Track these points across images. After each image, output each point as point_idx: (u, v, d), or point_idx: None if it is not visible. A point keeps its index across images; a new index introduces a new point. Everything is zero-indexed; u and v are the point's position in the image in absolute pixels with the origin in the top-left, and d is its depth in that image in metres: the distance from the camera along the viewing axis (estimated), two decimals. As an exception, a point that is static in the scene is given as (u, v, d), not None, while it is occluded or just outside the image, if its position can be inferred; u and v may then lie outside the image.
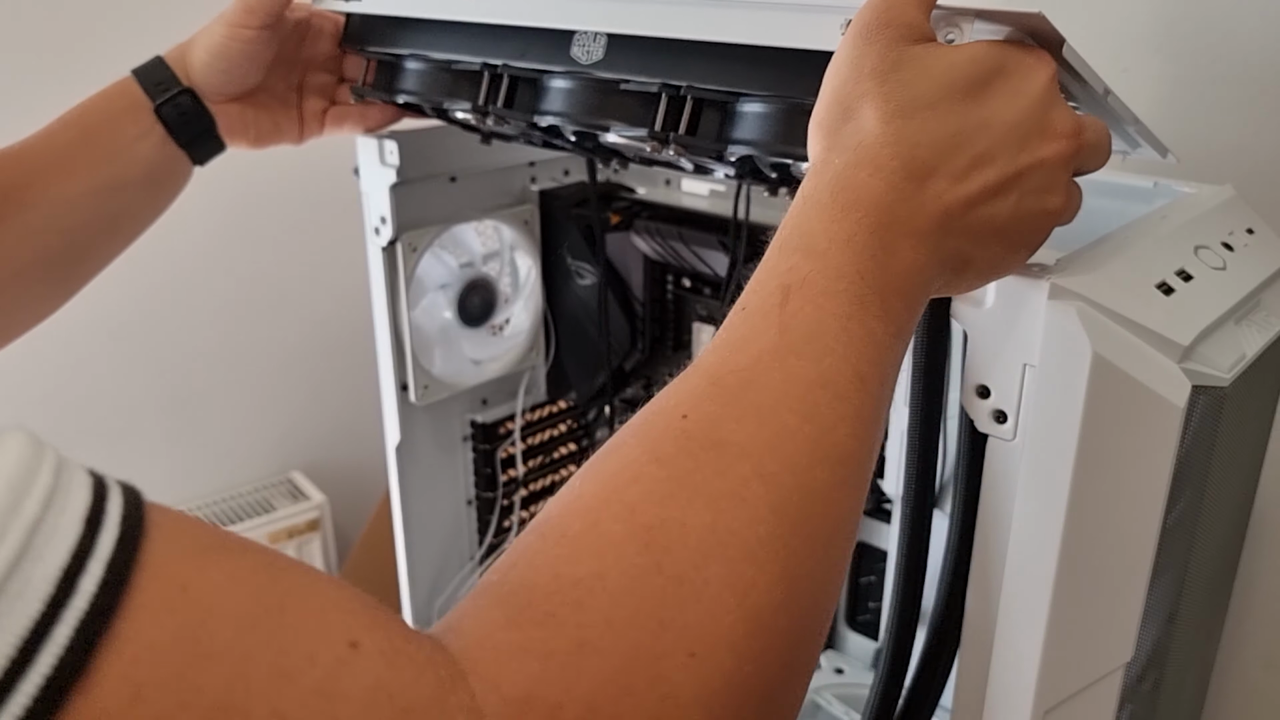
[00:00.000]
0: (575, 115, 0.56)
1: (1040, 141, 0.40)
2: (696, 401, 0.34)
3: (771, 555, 0.31)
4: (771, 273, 0.37)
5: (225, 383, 1.48)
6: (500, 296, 0.86)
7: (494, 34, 0.59)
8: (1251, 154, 0.72)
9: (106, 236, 0.67)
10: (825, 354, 0.35)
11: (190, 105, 0.67)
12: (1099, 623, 0.48)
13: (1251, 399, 0.53)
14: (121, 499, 0.25)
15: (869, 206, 0.37)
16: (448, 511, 0.89)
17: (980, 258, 0.40)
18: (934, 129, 0.38)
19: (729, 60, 0.50)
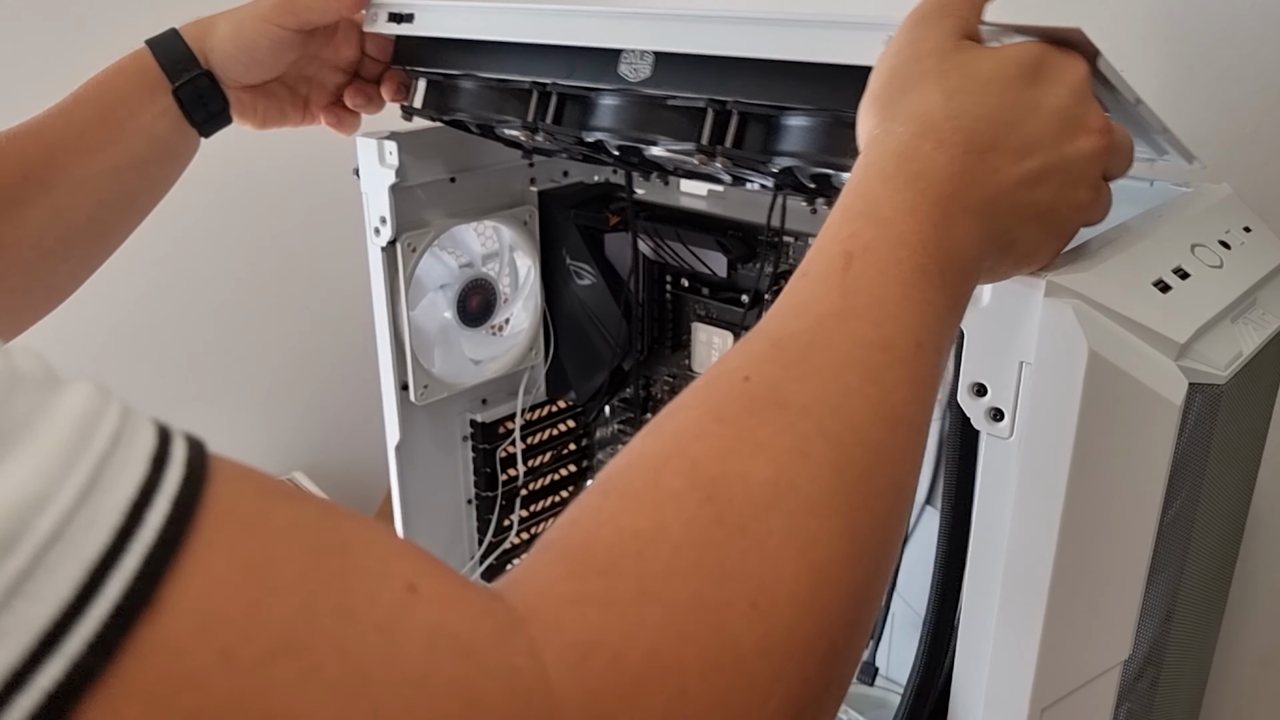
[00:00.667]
0: (623, 130, 0.58)
1: (1081, 132, 0.41)
2: (758, 364, 0.34)
3: (834, 510, 0.31)
4: (835, 238, 0.37)
5: (226, 383, 1.48)
6: (500, 296, 0.86)
7: (543, 54, 0.60)
8: (1249, 153, 0.72)
9: (125, 212, 0.68)
10: (887, 319, 0.35)
11: (207, 87, 0.67)
12: (1096, 620, 0.48)
13: (1248, 397, 0.53)
14: (186, 445, 0.26)
15: (932, 178, 0.38)
16: (448, 511, 0.89)
17: (1022, 240, 0.41)
18: (993, 106, 0.40)
19: (773, 75, 0.51)
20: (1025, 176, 0.40)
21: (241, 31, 0.67)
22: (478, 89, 0.66)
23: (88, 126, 0.64)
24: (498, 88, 0.65)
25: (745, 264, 0.78)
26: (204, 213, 1.35)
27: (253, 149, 1.29)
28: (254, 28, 0.66)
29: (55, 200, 0.63)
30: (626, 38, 0.56)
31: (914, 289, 0.36)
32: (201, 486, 0.25)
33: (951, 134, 0.39)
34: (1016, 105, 0.40)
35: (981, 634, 0.49)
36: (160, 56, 0.66)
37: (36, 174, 0.62)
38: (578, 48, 0.58)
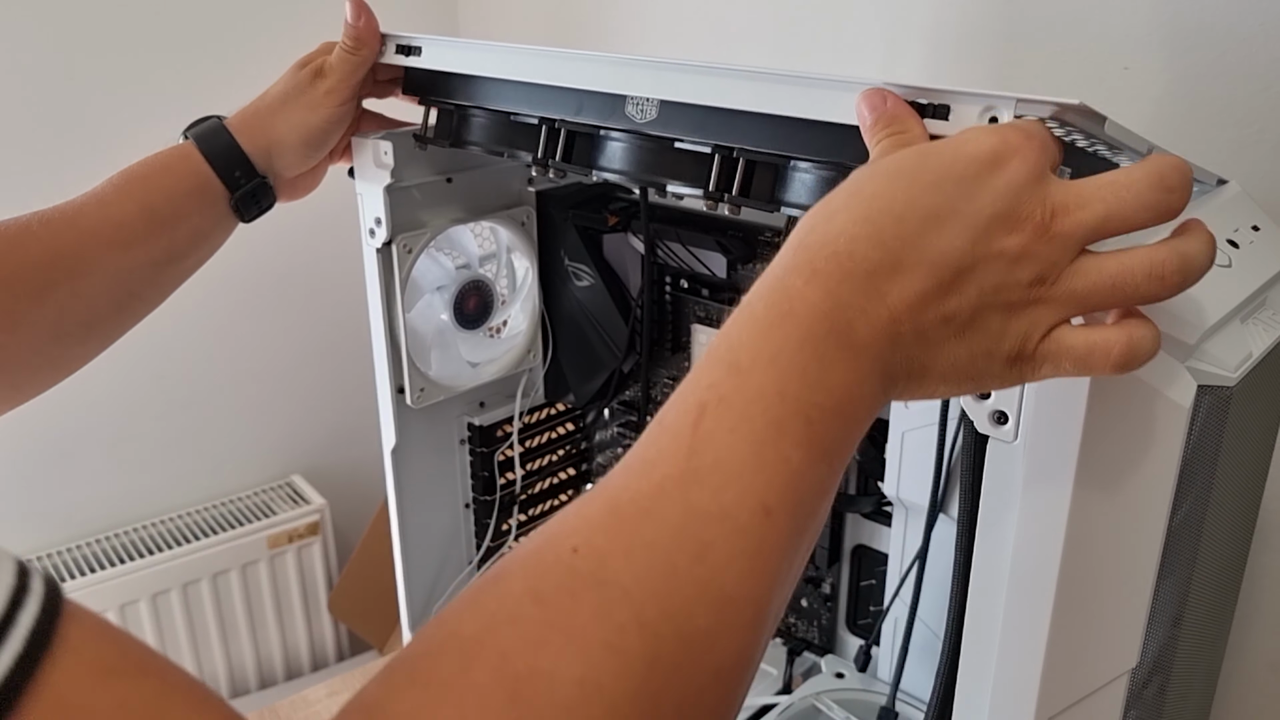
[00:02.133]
0: (631, 172, 0.58)
1: (1004, 231, 0.35)
2: (590, 532, 0.33)
3: (639, 711, 0.30)
4: (694, 387, 0.35)
5: (225, 386, 1.48)
6: (497, 298, 0.85)
7: (550, 91, 0.61)
8: (1255, 151, 0.71)
9: (152, 300, 0.68)
10: (730, 483, 0.33)
11: (263, 188, 0.68)
12: (1103, 628, 0.47)
13: (1258, 398, 0.52)
14: (39, 605, 0.25)
15: (801, 317, 0.35)
16: (445, 515, 0.88)
17: (940, 365, 0.37)
18: (889, 216, 0.35)
19: (779, 126, 0.51)
20: (924, 294, 0.35)
21: (309, 130, 0.68)
22: (490, 122, 0.66)
23: (127, 220, 0.64)
24: (507, 121, 0.65)
25: (745, 265, 0.77)
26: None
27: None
28: (322, 120, 0.68)
29: (82, 287, 0.62)
30: (632, 85, 0.56)
31: (766, 448, 0.33)
32: (37, 663, 0.24)
33: (826, 262, 0.35)
34: (911, 213, 0.35)
35: (986, 641, 0.48)
36: (213, 160, 0.66)
37: (66, 260, 0.62)
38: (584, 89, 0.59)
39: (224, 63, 1.33)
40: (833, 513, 0.77)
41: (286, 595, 1.49)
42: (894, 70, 0.93)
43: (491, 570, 0.33)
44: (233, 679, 1.47)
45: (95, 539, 1.40)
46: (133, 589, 1.34)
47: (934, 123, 0.43)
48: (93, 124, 1.26)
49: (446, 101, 0.68)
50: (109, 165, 0.67)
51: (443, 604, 0.88)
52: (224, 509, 1.48)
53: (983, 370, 0.37)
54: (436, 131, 0.70)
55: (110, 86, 1.26)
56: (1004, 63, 0.85)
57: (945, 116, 0.43)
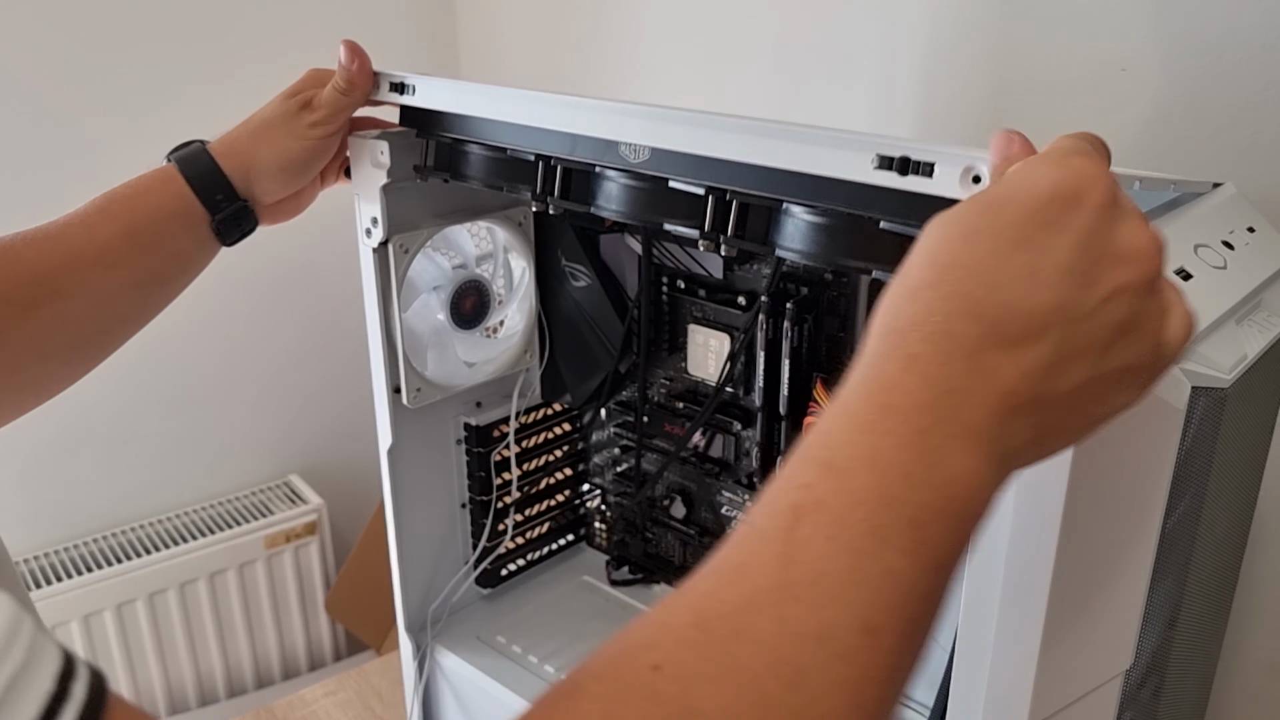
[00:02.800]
0: (629, 212, 0.59)
1: (1109, 270, 0.33)
2: (674, 647, 0.30)
3: None
4: (786, 486, 0.32)
5: (223, 386, 1.48)
6: (494, 298, 0.85)
7: (544, 129, 0.61)
8: (1252, 153, 0.71)
9: (136, 322, 0.69)
10: (829, 600, 0.30)
11: (244, 213, 0.69)
12: (1097, 630, 0.47)
13: (1253, 400, 0.52)
14: (86, 690, 0.25)
15: (902, 410, 0.32)
16: (441, 515, 0.88)
17: (1068, 424, 0.34)
18: (968, 294, 0.32)
19: (769, 170, 0.51)
20: (1041, 361, 0.32)
21: (290, 156, 0.68)
22: (484, 157, 0.67)
23: (112, 241, 0.64)
24: (504, 157, 0.66)
25: (742, 265, 0.77)
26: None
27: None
28: (303, 149, 0.68)
29: (67, 308, 0.63)
30: (623, 132, 0.57)
31: (867, 559, 0.30)
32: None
33: (921, 345, 0.32)
34: (1004, 277, 0.32)
35: (979, 643, 0.48)
36: (195, 183, 0.66)
37: (50, 280, 0.62)
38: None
39: (220, 73, 1.33)
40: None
41: (284, 595, 1.49)
42: (890, 75, 0.93)
43: (566, 682, 0.30)
44: (230, 679, 1.47)
45: (93, 538, 1.40)
46: (130, 588, 1.34)
47: (918, 180, 0.44)
48: (90, 133, 1.26)
49: (443, 135, 0.69)
50: (105, 175, 0.67)
51: (438, 606, 0.88)
52: (221, 509, 1.48)
53: (1116, 399, 0.35)
54: (435, 164, 0.71)
55: (108, 94, 1.26)
56: (1002, 65, 0.85)
57: (930, 174, 0.44)
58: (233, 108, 0.72)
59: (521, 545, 0.94)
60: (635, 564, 0.93)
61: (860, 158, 0.46)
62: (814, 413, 0.70)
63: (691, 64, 1.13)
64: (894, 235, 0.47)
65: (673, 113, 0.54)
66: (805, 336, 0.71)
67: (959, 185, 0.43)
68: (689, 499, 0.87)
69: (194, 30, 1.31)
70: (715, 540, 0.85)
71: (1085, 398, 0.34)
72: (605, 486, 0.95)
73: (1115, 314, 0.33)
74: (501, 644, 0.86)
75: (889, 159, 0.45)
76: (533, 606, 0.91)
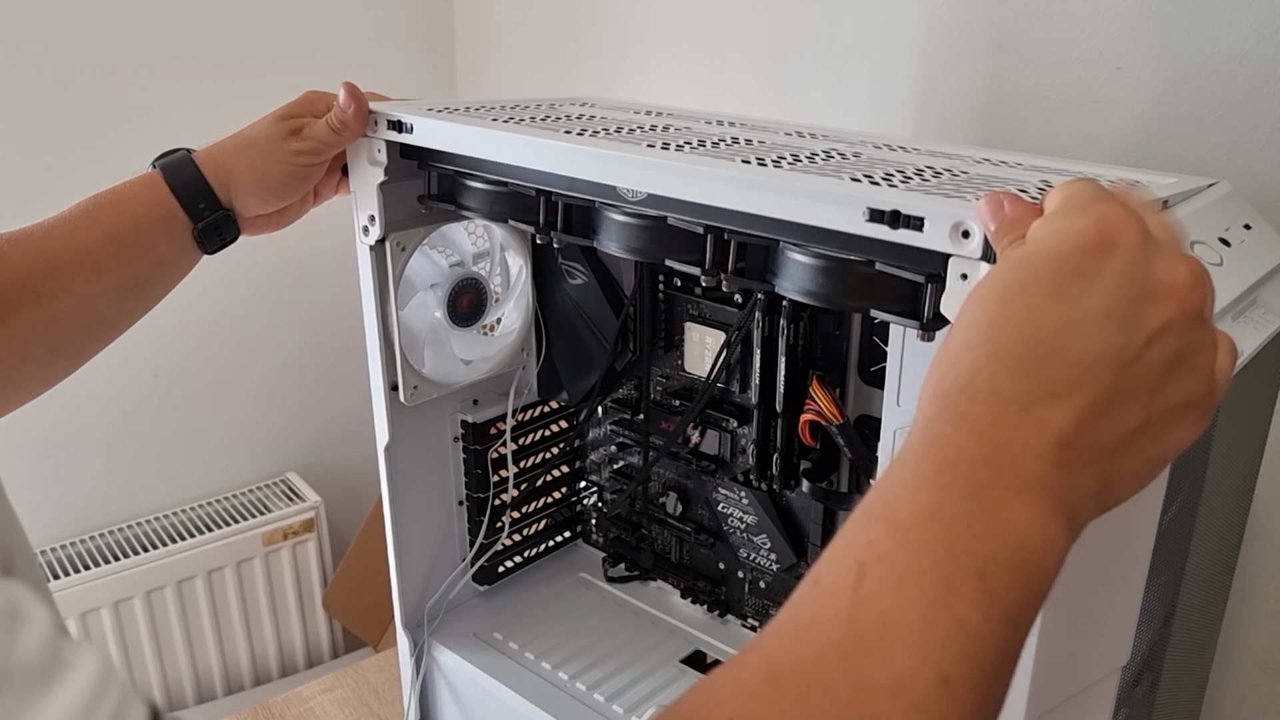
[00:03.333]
0: (631, 248, 0.60)
1: (1150, 309, 0.33)
2: (747, 701, 0.30)
3: None
4: (850, 544, 0.32)
5: (221, 384, 1.48)
6: (491, 296, 0.85)
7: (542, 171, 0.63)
8: (1248, 150, 0.72)
9: (118, 327, 0.69)
10: (900, 651, 0.29)
11: (226, 221, 0.69)
12: (1094, 626, 0.47)
13: (1249, 397, 0.52)
14: None
15: (959, 466, 0.32)
16: (438, 512, 0.88)
17: (1131, 468, 0.34)
18: (1010, 351, 0.33)
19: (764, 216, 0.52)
20: (1090, 409, 0.32)
21: (268, 176, 0.68)
22: (490, 190, 0.68)
23: (95, 245, 0.65)
24: (506, 190, 0.67)
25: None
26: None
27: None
28: (280, 170, 0.69)
29: (50, 310, 0.63)
30: (618, 178, 0.58)
31: (937, 609, 0.30)
32: None
33: (970, 405, 0.32)
34: (1045, 331, 0.33)
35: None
36: (179, 191, 0.67)
37: (34, 282, 0.62)
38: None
39: (217, 71, 1.33)
40: (825, 510, 0.77)
41: (281, 592, 1.49)
42: (887, 73, 0.94)
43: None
44: (227, 676, 1.47)
45: (90, 535, 1.40)
46: (128, 586, 1.34)
47: (910, 234, 0.44)
48: (87, 132, 1.26)
49: (444, 168, 0.70)
50: (101, 178, 0.67)
51: (435, 603, 0.88)
52: (219, 506, 1.48)
53: (1176, 437, 0.35)
54: (438, 196, 0.72)
55: (104, 94, 1.26)
56: (997, 64, 0.85)
57: (920, 228, 0.44)
58: (230, 109, 0.72)
59: (518, 542, 0.94)
60: (632, 561, 0.93)
61: (851, 211, 0.47)
62: (810, 410, 0.70)
63: (689, 61, 1.13)
64: (892, 276, 0.48)
65: (666, 161, 0.55)
66: (801, 334, 0.71)
67: (949, 240, 0.43)
68: (685, 496, 0.87)
69: (192, 32, 1.31)
70: (711, 537, 0.85)
71: (1144, 439, 0.34)
72: (602, 484, 0.95)
73: (1163, 352, 0.33)
74: (498, 641, 0.86)
75: (880, 212, 0.46)
76: (529, 603, 0.91)
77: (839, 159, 0.59)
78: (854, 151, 0.62)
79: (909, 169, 0.55)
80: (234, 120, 0.71)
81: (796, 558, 0.80)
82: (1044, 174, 0.58)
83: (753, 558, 0.84)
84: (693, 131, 0.68)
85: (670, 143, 0.61)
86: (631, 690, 0.79)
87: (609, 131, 0.65)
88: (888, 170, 0.54)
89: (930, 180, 0.52)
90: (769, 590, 0.84)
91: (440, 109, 0.73)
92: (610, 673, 0.81)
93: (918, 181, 0.51)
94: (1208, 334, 0.35)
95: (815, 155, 0.60)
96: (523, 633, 0.87)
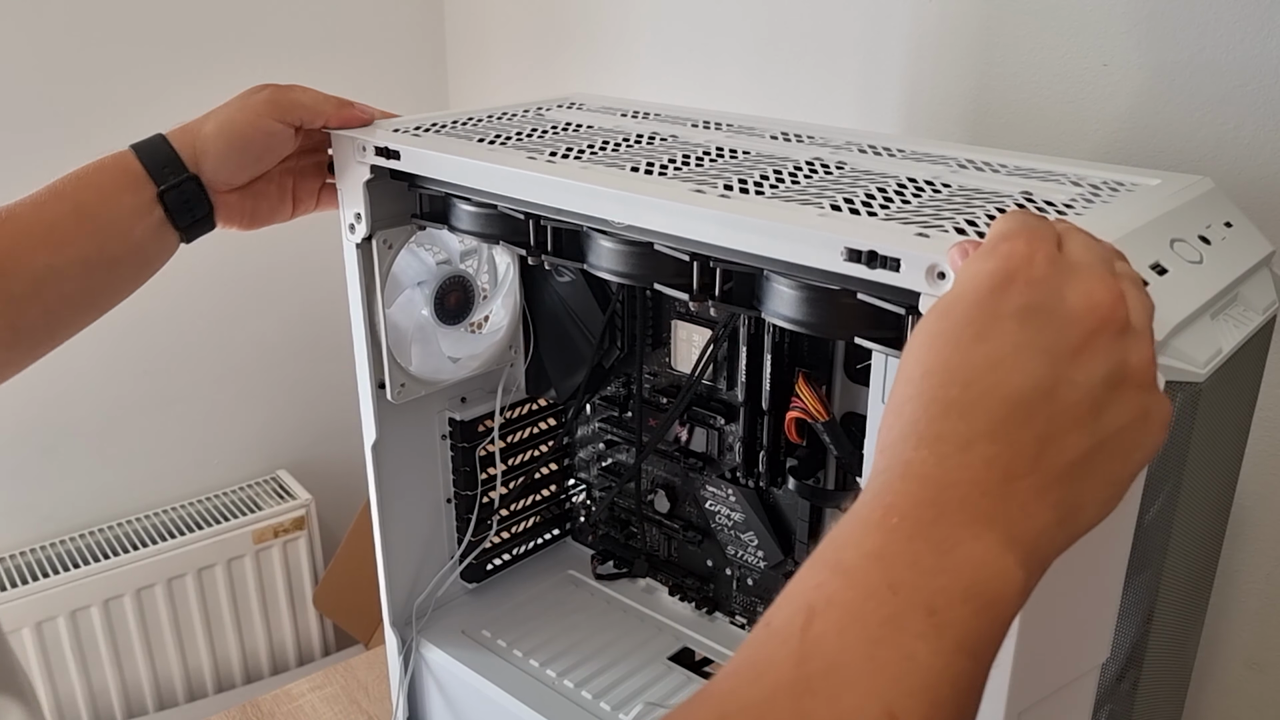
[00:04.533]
0: (620, 273, 0.61)
1: (1070, 334, 0.35)
2: None
3: None
4: (800, 588, 0.33)
5: (211, 381, 1.47)
6: (478, 294, 0.85)
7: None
8: (1233, 148, 0.72)
9: (84, 309, 0.67)
10: (846, 690, 0.30)
11: (194, 192, 0.67)
12: (1074, 622, 0.47)
13: (1229, 395, 0.52)
14: None
15: (905, 509, 0.32)
16: (426, 510, 0.88)
17: (1091, 494, 0.34)
18: (944, 397, 0.34)
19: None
20: (1032, 446, 0.33)
21: (232, 128, 0.67)
22: (480, 212, 0.68)
23: (59, 219, 0.64)
24: (496, 213, 0.67)
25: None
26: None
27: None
28: (246, 121, 0.67)
29: (14, 287, 0.62)
30: (601, 211, 0.58)
31: (882, 646, 0.30)
32: None
33: (915, 451, 0.33)
34: (983, 363, 0.34)
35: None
36: (145, 159, 0.66)
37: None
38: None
39: (201, 64, 1.32)
40: (812, 508, 0.77)
41: (272, 590, 1.49)
42: (875, 70, 0.94)
43: None
44: (218, 674, 1.47)
45: (80, 534, 1.39)
46: (117, 584, 1.34)
47: (886, 274, 0.45)
48: (73, 136, 1.25)
49: (435, 190, 0.70)
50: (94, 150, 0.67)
51: (423, 600, 0.88)
52: (210, 504, 1.48)
53: (1133, 454, 0.35)
54: (430, 216, 0.72)
55: (90, 97, 1.26)
56: (985, 61, 0.85)
57: (896, 269, 0.45)
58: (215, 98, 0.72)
59: (507, 540, 0.94)
60: (620, 558, 0.93)
61: (829, 252, 0.47)
62: (795, 407, 0.70)
63: (678, 59, 1.13)
64: (874, 306, 0.48)
65: (647, 198, 0.55)
66: (787, 331, 0.71)
67: (925, 281, 0.44)
68: (673, 493, 0.87)
69: (183, 35, 1.30)
70: (699, 534, 0.85)
71: (1101, 460, 0.34)
72: (591, 481, 0.95)
73: (1094, 374, 0.34)
74: (486, 638, 0.86)
75: (858, 253, 0.46)
76: (518, 601, 0.91)
77: (822, 174, 0.59)
78: (838, 162, 0.62)
79: (891, 186, 0.56)
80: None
81: (784, 555, 0.80)
82: (1027, 178, 0.58)
83: (740, 555, 0.84)
84: (679, 142, 0.68)
85: (655, 161, 0.62)
86: (619, 687, 0.79)
87: (595, 149, 0.66)
88: (869, 190, 0.55)
89: (911, 201, 0.53)
90: (757, 587, 0.84)
91: (429, 126, 0.73)
92: (598, 670, 0.81)
93: (898, 205, 0.52)
94: (1141, 348, 0.36)
95: (799, 170, 0.60)
96: (511, 630, 0.87)
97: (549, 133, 0.72)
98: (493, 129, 0.73)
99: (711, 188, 0.56)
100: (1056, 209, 0.51)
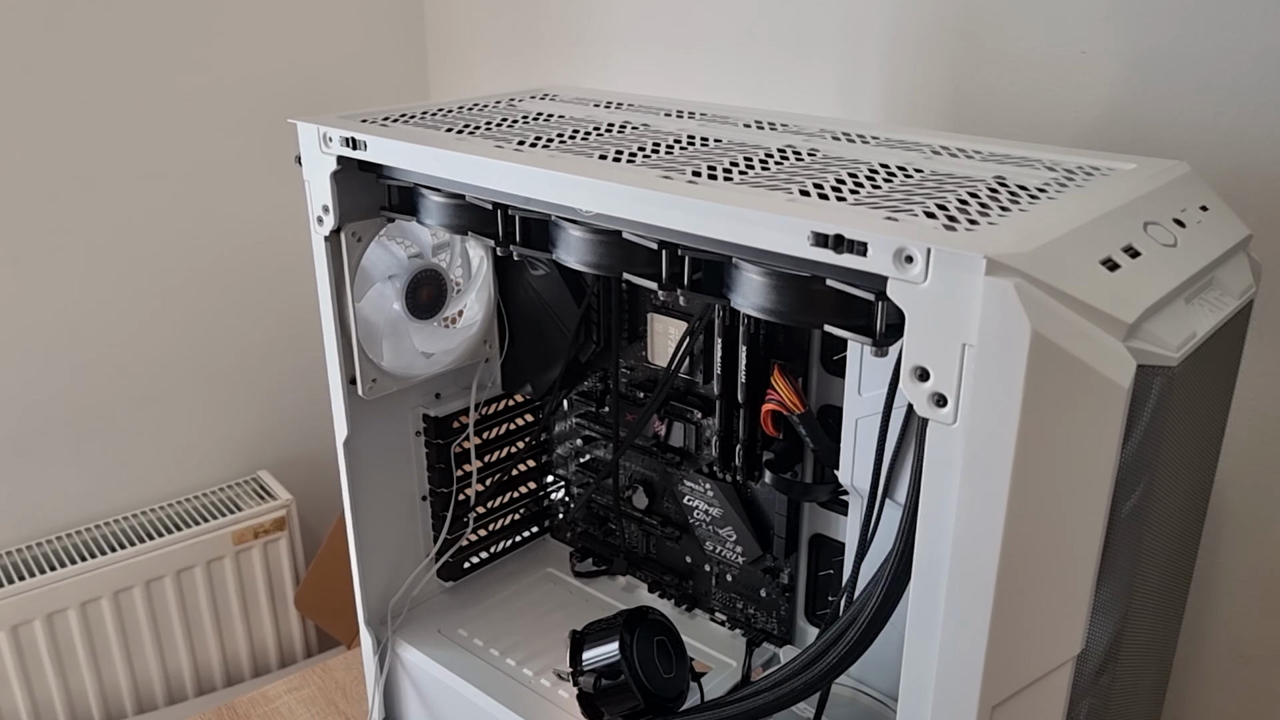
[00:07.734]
0: (588, 263, 0.60)
1: None
2: None
3: None
4: None
5: (191, 382, 1.46)
6: (451, 288, 0.84)
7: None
8: (1211, 135, 0.71)
9: None
10: None
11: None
12: (1046, 614, 0.46)
13: (1205, 380, 0.51)
14: None
15: None
16: (401, 508, 0.86)
17: None
18: None
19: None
20: None
21: None
22: (448, 204, 0.67)
23: None
24: (464, 204, 0.66)
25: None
26: (163, 212, 1.32)
27: (203, 146, 1.27)
28: None
29: None
30: (567, 196, 0.57)
31: None
32: None
33: None
34: None
35: (928, 628, 0.47)
36: None
37: None
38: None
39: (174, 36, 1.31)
40: (790, 502, 0.76)
41: (252, 592, 1.47)
42: (855, 61, 0.93)
43: None
44: (198, 677, 1.46)
45: (57, 536, 1.38)
46: (95, 586, 1.33)
47: (854, 258, 0.44)
48: (50, 122, 1.24)
49: (403, 182, 0.69)
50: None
51: (399, 600, 0.87)
52: (189, 505, 1.46)
53: None
54: (399, 207, 0.71)
55: (70, 82, 1.25)
56: (962, 50, 0.84)
57: (864, 253, 0.44)
58: (206, 97, 0.70)
59: (484, 538, 0.93)
60: (599, 555, 0.92)
61: (796, 237, 0.46)
62: (771, 399, 0.69)
63: (658, 50, 1.12)
64: (843, 292, 0.47)
65: (614, 185, 0.54)
66: (762, 323, 0.70)
67: (892, 265, 0.43)
68: (651, 489, 0.86)
69: (164, 23, 1.29)
70: (678, 530, 0.84)
71: None
72: (569, 478, 0.94)
73: None
74: (463, 637, 0.85)
75: (824, 237, 0.45)
76: (495, 599, 0.90)
77: (794, 160, 0.58)
78: (810, 149, 0.61)
79: (862, 171, 0.55)
80: (210, 108, 0.70)
81: (762, 550, 0.79)
82: (1002, 164, 0.57)
83: (719, 551, 0.83)
84: (650, 130, 0.67)
85: (624, 149, 0.61)
86: (595, 686, 0.78)
87: (564, 138, 0.65)
88: (840, 176, 0.53)
89: (881, 186, 0.51)
90: (736, 584, 0.83)
91: (397, 117, 0.72)
92: (574, 668, 0.80)
93: (868, 189, 0.51)
94: None
95: (770, 157, 0.59)
96: (488, 629, 0.86)
97: (519, 123, 0.71)
98: (462, 119, 0.72)
99: (680, 174, 0.54)
100: (1029, 193, 0.50)
